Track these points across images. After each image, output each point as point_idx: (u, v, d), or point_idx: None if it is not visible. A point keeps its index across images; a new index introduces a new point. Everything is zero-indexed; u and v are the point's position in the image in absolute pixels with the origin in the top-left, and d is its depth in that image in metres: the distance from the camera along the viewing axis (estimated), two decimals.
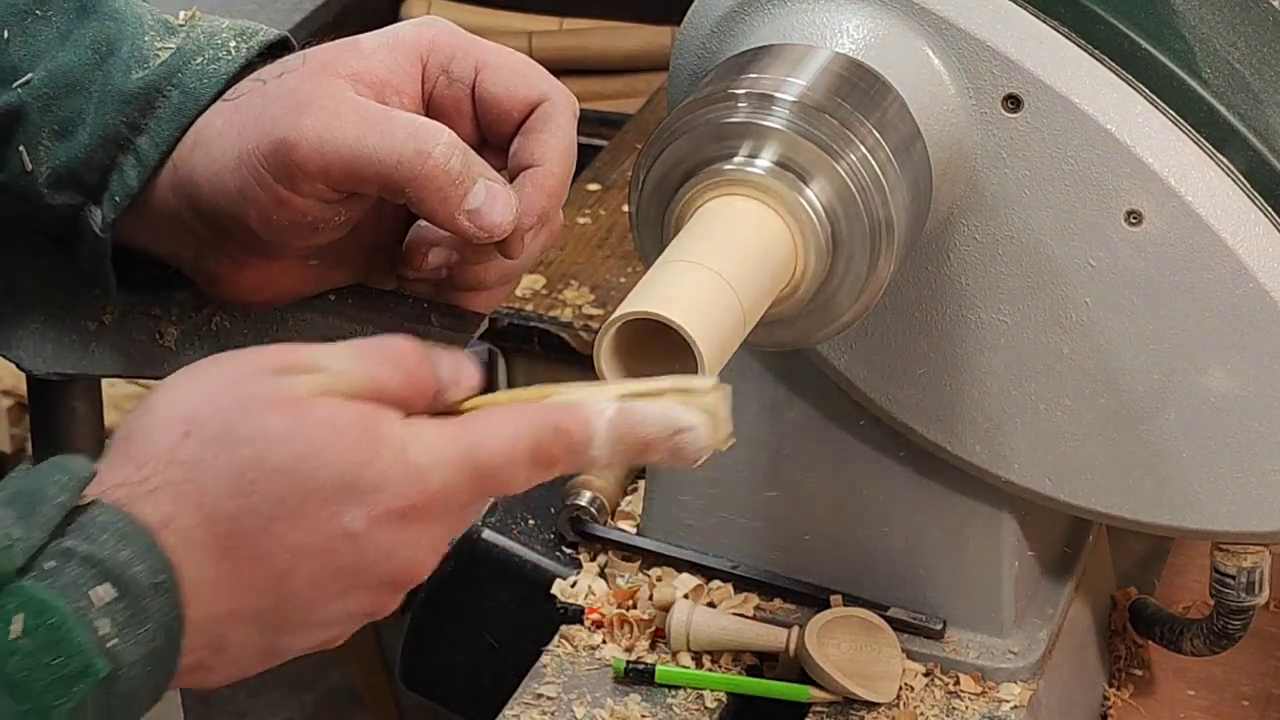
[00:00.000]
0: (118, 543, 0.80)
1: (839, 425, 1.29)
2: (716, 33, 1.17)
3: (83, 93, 0.99)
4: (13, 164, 1.00)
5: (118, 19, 1.00)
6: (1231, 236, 1.12)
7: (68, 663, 0.78)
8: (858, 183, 1.06)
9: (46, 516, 0.80)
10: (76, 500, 0.81)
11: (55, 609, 0.78)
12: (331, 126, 0.94)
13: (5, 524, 0.79)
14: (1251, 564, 1.26)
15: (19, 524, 0.80)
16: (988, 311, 1.18)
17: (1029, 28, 1.13)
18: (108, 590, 0.79)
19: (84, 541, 0.80)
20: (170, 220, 1.00)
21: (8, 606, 0.78)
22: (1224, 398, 1.16)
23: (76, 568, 0.79)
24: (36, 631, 0.78)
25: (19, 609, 0.78)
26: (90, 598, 0.79)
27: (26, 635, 0.77)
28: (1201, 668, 1.38)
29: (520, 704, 1.28)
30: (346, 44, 0.99)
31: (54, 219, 1.02)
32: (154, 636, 0.80)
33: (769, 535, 1.34)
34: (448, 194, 0.95)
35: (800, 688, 1.28)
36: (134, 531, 0.81)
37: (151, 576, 0.80)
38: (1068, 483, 1.22)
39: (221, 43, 1.00)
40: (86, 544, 0.80)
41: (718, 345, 0.98)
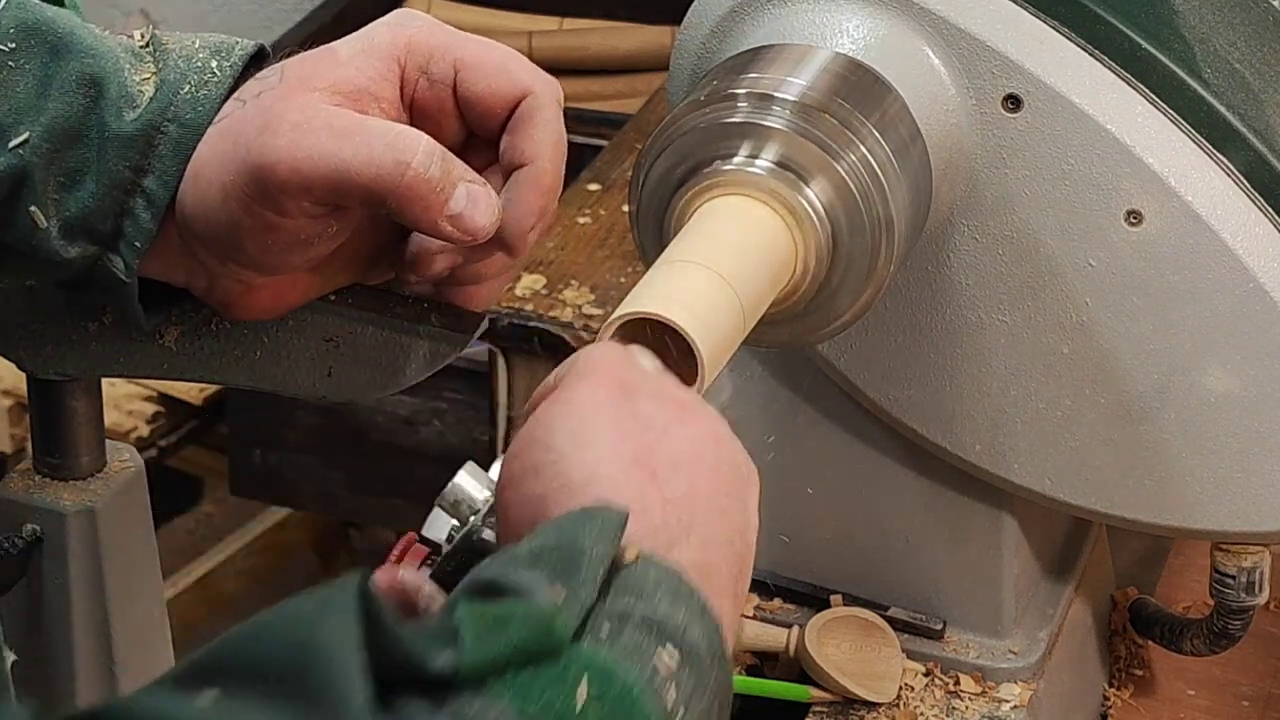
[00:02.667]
0: (672, 602, 0.76)
1: (839, 425, 1.29)
2: (716, 33, 1.17)
3: (83, 141, 0.96)
4: (21, 225, 0.96)
5: (94, 55, 0.96)
6: (1231, 236, 1.12)
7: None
8: (858, 183, 1.06)
9: (591, 574, 0.74)
10: (617, 552, 0.77)
11: (622, 676, 0.72)
12: (305, 144, 0.92)
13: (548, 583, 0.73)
14: (1251, 564, 1.26)
15: (561, 582, 0.73)
16: (988, 311, 1.18)
17: (1029, 28, 1.13)
18: (673, 656, 0.74)
19: (639, 600, 0.75)
20: (179, 254, 0.99)
21: (569, 672, 0.71)
22: (1224, 398, 1.16)
23: (638, 631, 0.74)
24: (604, 700, 0.71)
25: (581, 675, 0.71)
26: (655, 665, 0.73)
27: (594, 701, 0.71)
28: (1201, 668, 1.38)
29: None
30: (323, 53, 0.97)
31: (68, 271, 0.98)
32: (713, 709, 0.76)
33: (769, 535, 1.34)
34: (429, 202, 0.93)
35: (800, 688, 1.28)
36: (685, 591, 0.77)
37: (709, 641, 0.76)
38: (1068, 483, 1.22)
39: (202, 65, 0.98)
40: (643, 603, 0.75)
41: (718, 345, 0.98)
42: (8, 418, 2.52)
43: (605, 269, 1.86)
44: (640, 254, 1.11)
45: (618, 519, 0.77)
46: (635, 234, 1.11)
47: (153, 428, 2.52)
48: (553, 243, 1.90)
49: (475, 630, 0.70)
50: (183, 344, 1.06)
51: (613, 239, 1.91)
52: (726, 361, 1.00)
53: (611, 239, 1.91)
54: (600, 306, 1.80)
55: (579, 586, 0.74)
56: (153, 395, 2.52)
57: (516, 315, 1.80)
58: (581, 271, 1.85)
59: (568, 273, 1.85)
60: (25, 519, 1.26)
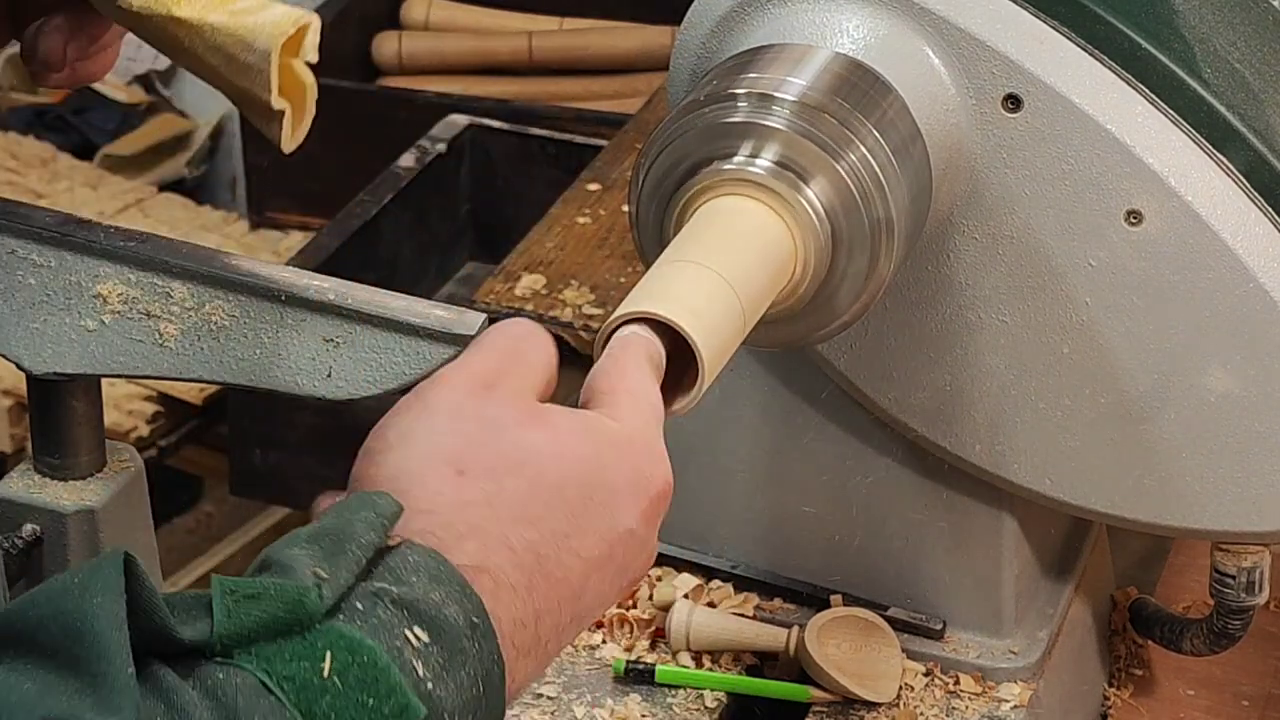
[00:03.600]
0: (429, 583, 0.79)
1: (839, 425, 1.29)
2: (716, 33, 1.17)
3: None
4: None
5: None
6: (1231, 236, 1.12)
7: (383, 704, 0.75)
8: (858, 183, 1.06)
9: (354, 557, 0.79)
10: (384, 540, 0.80)
11: (368, 647, 0.76)
12: None
13: (312, 563, 0.78)
14: (1251, 564, 1.26)
15: (326, 563, 0.78)
16: (988, 311, 1.18)
17: (1029, 28, 1.13)
18: (422, 632, 0.77)
19: (395, 583, 0.79)
20: None
21: (317, 645, 0.76)
22: (1224, 398, 1.16)
23: (389, 610, 0.78)
24: (348, 671, 0.75)
25: (328, 648, 0.76)
26: (406, 639, 0.77)
27: (337, 675, 0.75)
28: (1201, 668, 1.38)
29: (520, 704, 1.27)
30: None
31: None
32: (473, 683, 0.79)
33: (769, 535, 1.34)
34: None
35: (800, 688, 1.28)
36: (446, 574, 0.80)
37: (467, 618, 0.79)
38: (1068, 483, 1.22)
39: None
40: (397, 585, 0.78)
41: (718, 345, 0.98)
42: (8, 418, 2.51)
43: (605, 269, 1.86)
44: (640, 254, 1.11)
45: (390, 509, 0.81)
46: (635, 234, 1.11)
47: (153, 428, 2.51)
48: (553, 243, 1.90)
49: (226, 605, 0.76)
50: (183, 344, 1.06)
51: (613, 239, 1.91)
52: (726, 361, 1.00)
53: (611, 239, 1.91)
54: (600, 306, 1.80)
55: (340, 568, 0.78)
56: (153, 395, 2.52)
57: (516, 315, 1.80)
58: (581, 271, 1.85)
59: (568, 273, 1.85)
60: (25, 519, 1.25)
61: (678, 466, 1.35)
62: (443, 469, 0.83)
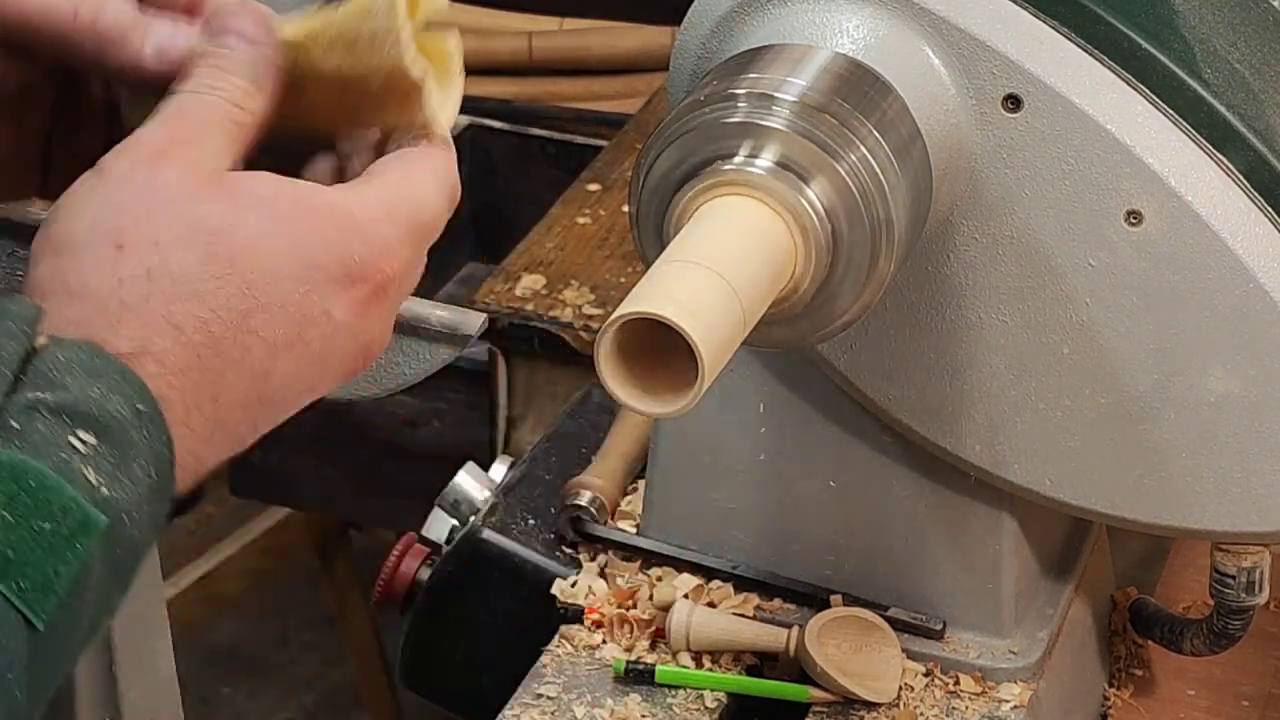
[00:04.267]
0: (85, 380, 0.73)
1: (839, 425, 1.29)
2: (716, 33, 1.17)
3: None
4: None
5: None
6: (1231, 236, 1.12)
7: (60, 524, 0.70)
8: (858, 183, 1.06)
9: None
10: (30, 345, 0.73)
11: (32, 469, 0.70)
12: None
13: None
14: (1251, 564, 1.26)
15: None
16: (988, 311, 1.18)
17: (1029, 28, 1.13)
18: (88, 435, 0.72)
19: (48, 388, 0.72)
20: None
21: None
22: (1224, 398, 1.16)
23: (48, 420, 0.71)
24: (17, 500, 0.70)
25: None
26: (71, 447, 0.71)
27: (5, 507, 0.69)
28: (1201, 668, 1.38)
29: (520, 704, 1.28)
30: None
31: None
32: (148, 472, 0.74)
33: (769, 535, 1.34)
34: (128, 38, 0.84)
35: (800, 688, 1.28)
36: (102, 365, 0.74)
37: (131, 406, 0.73)
38: (1068, 483, 1.22)
39: None
40: (52, 391, 0.72)
41: (718, 345, 0.98)
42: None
43: (605, 269, 1.86)
44: (640, 254, 1.11)
45: (29, 313, 0.75)
46: (635, 234, 1.11)
47: None
48: (553, 243, 1.90)
49: None
50: None
51: (613, 239, 1.91)
52: (726, 361, 1.00)
53: (611, 239, 1.91)
54: (600, 306, 1.80)
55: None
56: None
57: (516, 315, 1.80)
58: (581, 271, 1.85)
59: (568, 273, 1.85)
60: None
61: (678, 466, 1.36)
62: (101, 244, 0.76)
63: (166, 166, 0.78)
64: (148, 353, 0.75)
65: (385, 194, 0.83)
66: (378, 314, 0.83)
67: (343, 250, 0.80)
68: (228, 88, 0.82)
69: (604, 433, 1.47)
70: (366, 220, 0.81)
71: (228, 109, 0.82)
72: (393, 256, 0.82)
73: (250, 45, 0.83)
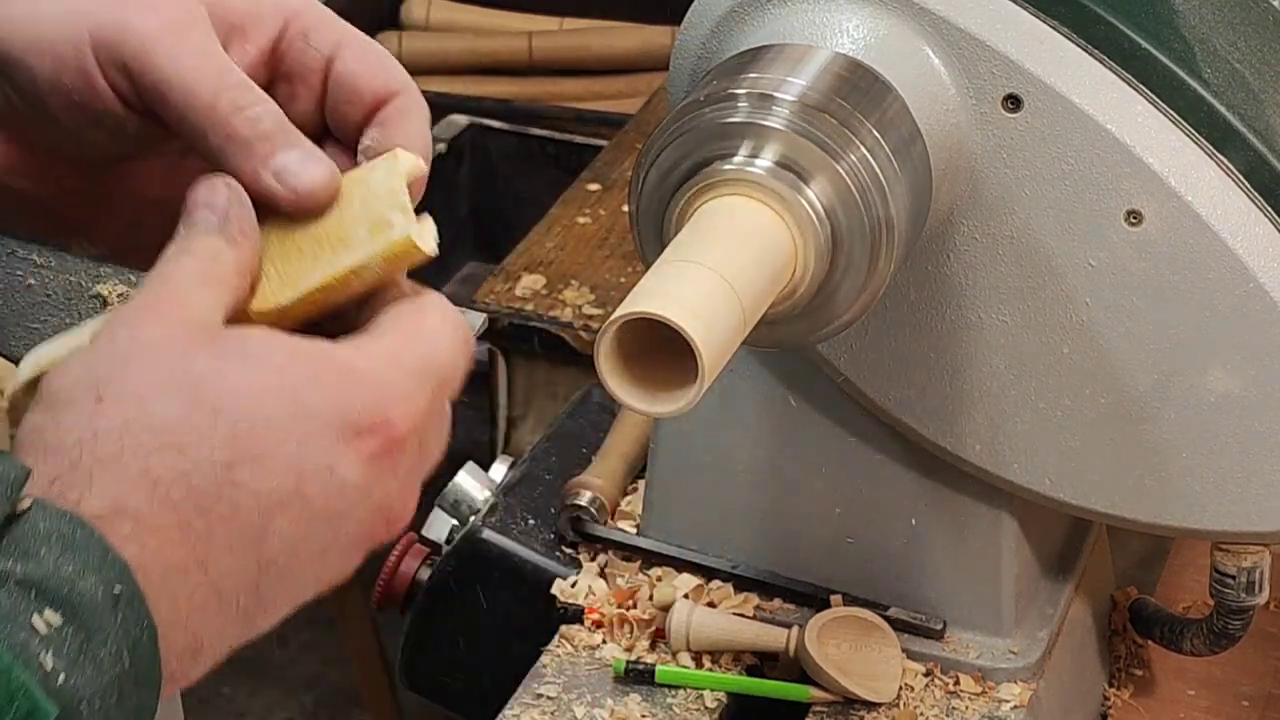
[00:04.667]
0: (61, 554, 0.68)
1: (839, 425, 1.29)
2: (716, 33, 1.17)
3: None
4: None
5: None
6: (1231, 236, 1.12)
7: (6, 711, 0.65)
8: (858, 183, 1.06)
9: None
10: (11, 509, 0.69)
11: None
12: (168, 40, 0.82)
13: None
14: (1251, 564, 1.26)
15: None
16: (988, 311, 1.18)
17: (1029, 28, 1.13)
18: (53, 616, 0.67)
19: (20, 560, 0.68)
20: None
21: None
22: (1224, 398, 1.16)
23: (13, 594, 0.67)
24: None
25: None
26: (32, 628, 0.67)
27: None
28: (1201, 668, 1.38)
29: (520, 704, 1.28)
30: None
31: None
32: (119, 658, 0.69)
33: (769, 535, 1.34)
34: (253, 148, 0.82)
35: (800, 688, 1.28)
36: (83, 539, 0.69)
37: (107, 587, 0.69)
38: (1068, 483, 1.22)
39: None
40: (24, 562, 0.68)
41: (718, 345, 0.98)
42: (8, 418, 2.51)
43: (605, 269, 1.86)
44: (640, 254, 1.11)
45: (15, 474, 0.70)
46: (635, 234, 1.11)
47: None
48: (553, 243, 1.90)
49: None
50: None
51: (613, 239, 1.91)
52: (726, 361, 1.00)
53: (611, 239, 1.91)
54: (600, 306, 1.80)
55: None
56: None
57: (516, 315, 1.80)
58: (581, 271, 1.85)
59: (568, 273, 1.85)
60: None
61: (678, 466, 1.36)
62: (82, 398, 0.72)
63: (153, 323, 0.75)
64: (123, 511, 0.71)
65: (390, 343, 0.77)
66: (393, 471, 0.76)
67: (343, 399, 0.75)
68: (198, 248, 0.79)
69: (604, 433, 1.47)
70: (368, 370, 0.76)
71: (202, 264, 0.78)
72: (402, 406, 0.76)
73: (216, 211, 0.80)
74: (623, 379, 0.98)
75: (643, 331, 0.97)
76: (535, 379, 1.83)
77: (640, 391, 0.99)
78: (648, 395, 0.99)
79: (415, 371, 0.77)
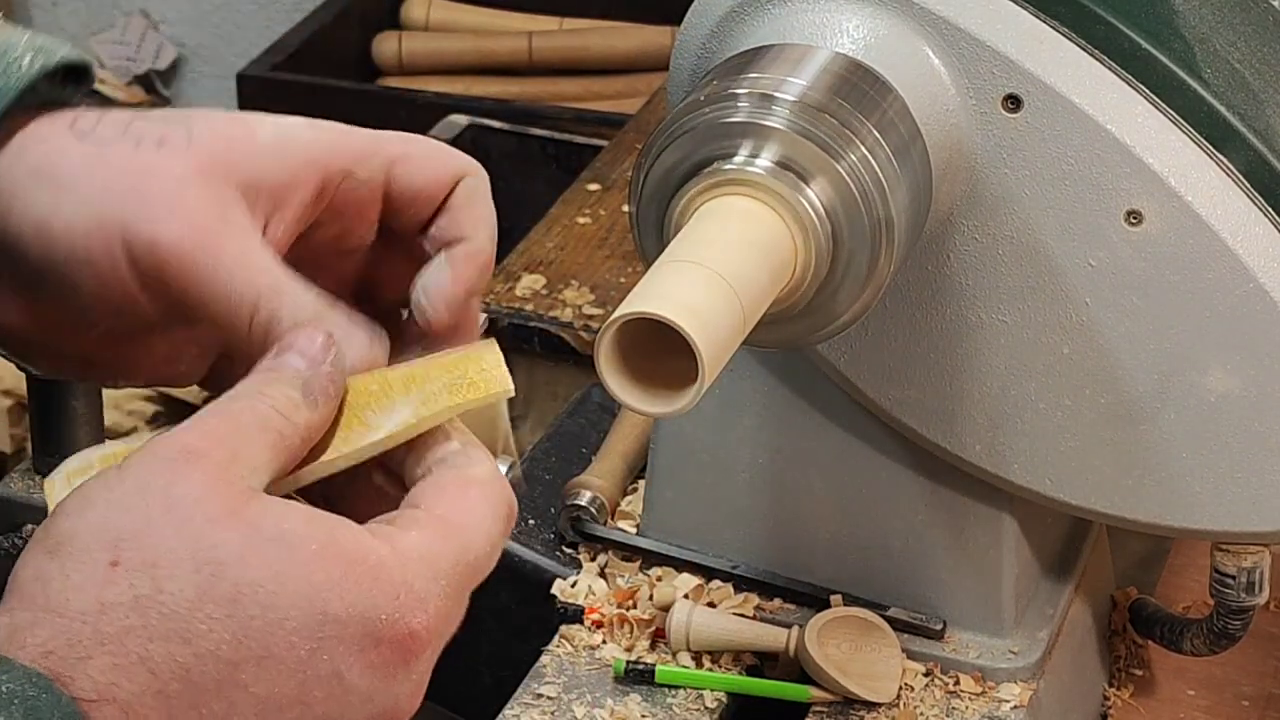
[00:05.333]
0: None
1: (839, 425, 1.29)
2: (716, 33, 1.17)
3: None
4: None
5: None
6: (1231, 236, 1.12)
7: None
8: (858, 183, 1.06)
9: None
10: None
11: None
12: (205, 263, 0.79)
13: None
14: (1251, 564, 1.26)
15: None
16: (988, 311, 1.18)
17: (1029, 28, 1.13)
18: None
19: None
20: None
21: None
22: (1224, 398, 1.16)
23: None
24: None
25: None
26: None
27: None
28: (1201, 668, 1.38)
29: (520, 704, 1.28)
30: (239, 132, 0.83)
31: None
32: None
33: (769, 535, 1.34)
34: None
35: (800, 688, 1.28)
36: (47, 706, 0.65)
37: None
38: (1068, 483, 1.22)
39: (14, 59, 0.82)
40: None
41: (718, 345, 0.98)
42: (7, 418, 2.51)
43: (605, 269, 1.85)
44: (640, 254, 1.11)
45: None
46: (635, 234, 1.11)
47: (153, 428, 2.52)
48: (553, 243, 1.90)
49: None
50: None
51: (613, 239, 1.90)
52: (726, 361, 1.00)
53: (611, 239, 1.90)
54: (600, 306, 1.80)
55: None
56: (153, 395, 2.52)
57: (516, 315, 1.80)
58: (581, 271, 1.85)
59: (568, 273, 1.85)
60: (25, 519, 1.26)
61: (678, 466, 1.36)
62: (97, 554, 0.68)
63: (192, 473, 0.70)
64: (113, 700, 0.67)
65: (428, 539, 0.74)
66: (403, 677, 0.73)
67: (368, 607, 0.71)
68: (275, 395, 0.75)
69: (604, 433, 1.47)
70: (399, 576, 0.72)
71: (271, 414, 0.74)
72: (428, 615, 0.73)
73: (307, 361, 0.77)
74: (623, 379, 0.98)
75: (643, 331, 0.97)
76: (535, 379, 1.83)
77: (640, 391, 0.99)
78: (648, 395, 0.99)
79: (448, 573, 0.74)
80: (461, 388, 0.80)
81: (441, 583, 0.74)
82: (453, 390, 0.80)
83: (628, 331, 0.97)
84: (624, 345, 0.98)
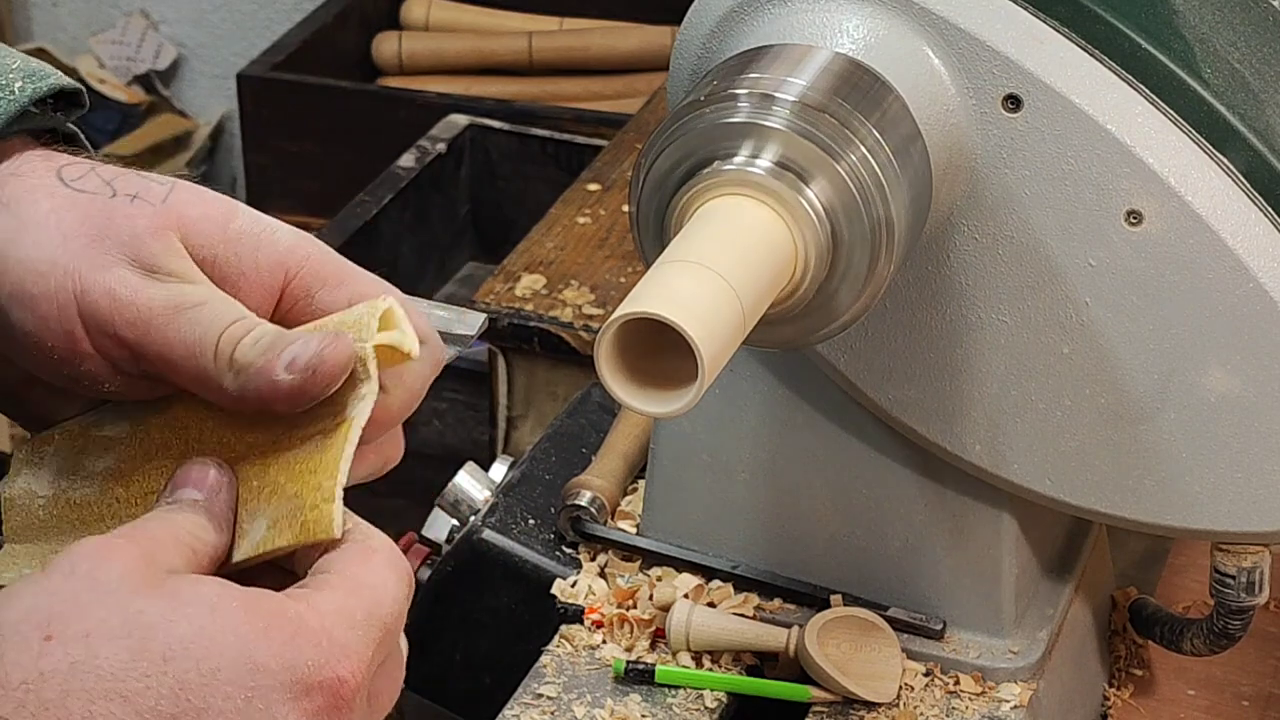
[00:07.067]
0: None
1: (839, 425, 1.29)
2: (716, 33, 1.17)
3: None
4: None
5: None
6: (1231, 236, 1.12)
7: None
8: (858, 183, 1.06)
9: None
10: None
11: None
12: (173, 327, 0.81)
13: None
14: (1251, 564, 1.26)
15: None
16: (988, 311, 1.18)
17: (1029, 28, 1.13)
18: None
19: None
20: None
21: None
22: (1224, 398, 1.16)
23: None
24: None
25: None
26: None
27: None
28: (1201, 668, 1.38)
29: (520, 704, 1.28)
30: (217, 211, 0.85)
31: None
32: None
33: (769, 535, 1.34)
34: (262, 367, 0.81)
35: (800, 688, 1.28)
36: None
37: None
38: (1068, 483, 1.22)
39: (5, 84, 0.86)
40: None
41: (718, 345, 0.98)
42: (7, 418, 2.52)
43: (605, 269, 1.86)
44: (640, 254, 1.11)
45: None
46: (635, 234, 1.11)
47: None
48: (553, 243, 1.91)
49: None
50: None
51: (613, 239, 1.91)
52: (726, 361, 1.00)
53: (611, 239, 1.91)
54: (600, 306, 1.80)
55: None
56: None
57: (516, 315, 1.80)
58: (581, 271, 1.85)
59: (568, 273, 1.85)
60: None
61: (678, 466, 1.36)
62: (30, 633, 0.71)
63: (112, 561, 0.74)
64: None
65: (341, 596, 0.77)
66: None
67: (293, 655, 0.74)
68: (183, 521, 0.79)
69: (604, 433, 1.47)
70: (319, 625, 0.75)
71: (183, 534, 0.79)
72: (351, 662, 0.75)
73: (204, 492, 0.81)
74: (623, 379, 0.98)
75: (643, 331, 0.97)
76: (535, 379, 1.83)
77: (640, 391, 0.99)
78: (648, 395, 0.99)
79: (363, 623, 0.77)
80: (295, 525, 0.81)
81: (359, 632, 0.76)
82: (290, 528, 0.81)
83: (628, 331, 0.97)
84: (624, 345, 0.98)
